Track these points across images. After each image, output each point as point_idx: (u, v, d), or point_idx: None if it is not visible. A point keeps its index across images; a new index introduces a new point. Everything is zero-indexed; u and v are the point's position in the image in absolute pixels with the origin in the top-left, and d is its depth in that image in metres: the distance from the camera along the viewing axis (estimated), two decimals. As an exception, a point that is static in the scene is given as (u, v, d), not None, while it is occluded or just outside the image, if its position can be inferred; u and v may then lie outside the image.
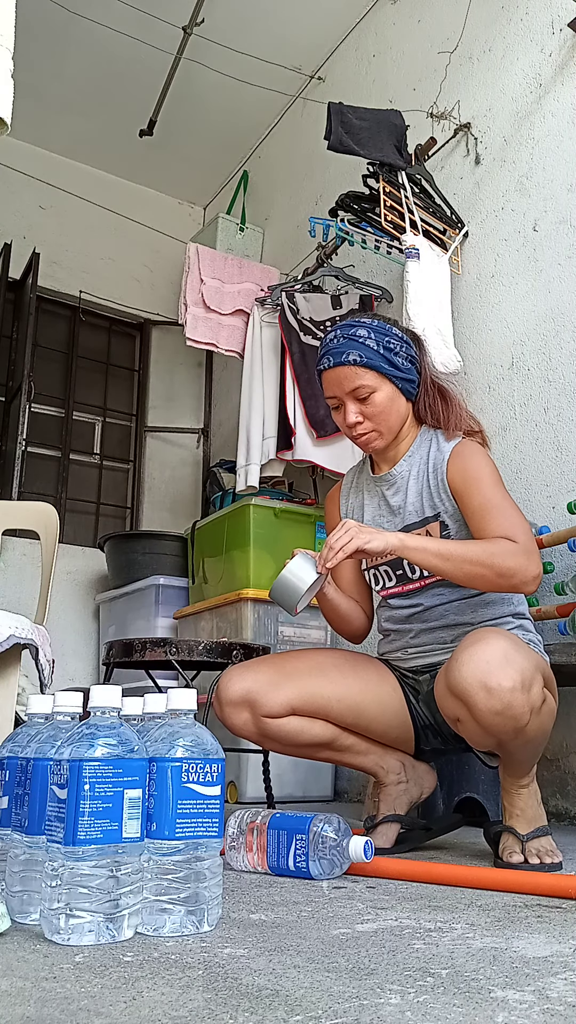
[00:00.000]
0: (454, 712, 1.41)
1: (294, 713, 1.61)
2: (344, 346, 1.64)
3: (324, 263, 3.59)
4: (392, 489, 1.72)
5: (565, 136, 2.75)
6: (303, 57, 4.11)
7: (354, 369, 1.63)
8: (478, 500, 1.57)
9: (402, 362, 1.65)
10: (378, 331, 1.65)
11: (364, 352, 1.62)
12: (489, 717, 1.34)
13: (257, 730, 1.62)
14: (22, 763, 1.07)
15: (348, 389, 1.64)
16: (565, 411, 2.59)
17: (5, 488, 4.01)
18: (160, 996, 0.71)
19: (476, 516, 1.57)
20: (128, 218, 4.83)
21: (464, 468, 1.62)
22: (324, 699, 1.62)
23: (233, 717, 1.62)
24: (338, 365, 1.64)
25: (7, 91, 1.47)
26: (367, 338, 1.63)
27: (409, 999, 0.71)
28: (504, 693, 1.32)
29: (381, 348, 1.64)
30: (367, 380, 1.63)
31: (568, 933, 0.98)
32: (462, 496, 1.60)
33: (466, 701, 1.35)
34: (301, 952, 0.87)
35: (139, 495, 4.78)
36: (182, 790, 0.97)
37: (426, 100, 3.34)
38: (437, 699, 1.48)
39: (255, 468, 3.32)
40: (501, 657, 1.34)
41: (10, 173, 4.46)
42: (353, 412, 1.65)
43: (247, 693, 1.60)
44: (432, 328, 2.78)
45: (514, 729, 1.36)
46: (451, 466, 1.63)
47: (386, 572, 1.72)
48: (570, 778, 2.36)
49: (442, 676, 1.44)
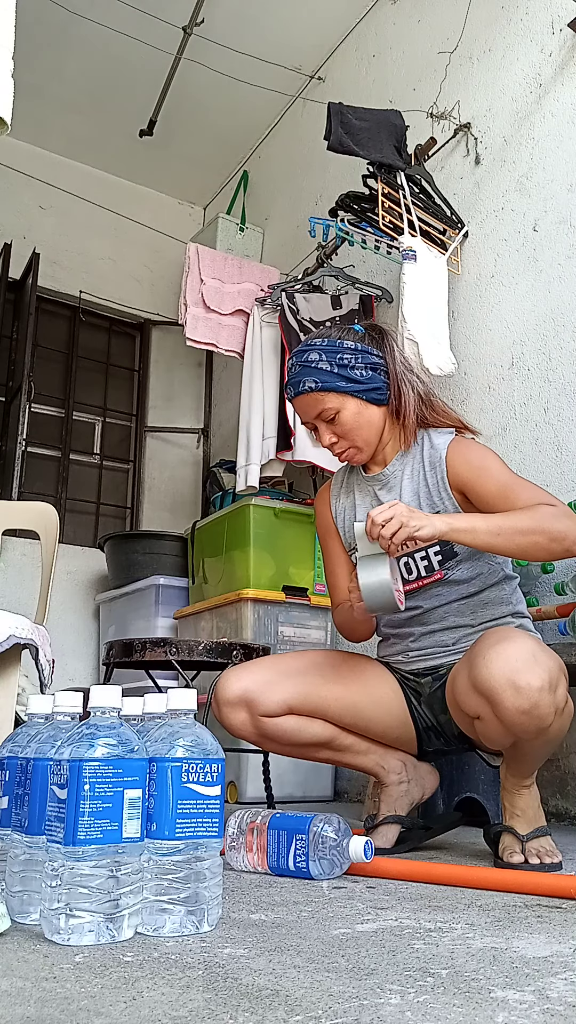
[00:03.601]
0: (475, 709, 1.40)
1: (291, 712, 1.62)
2: (300, 374, 1.65)
3: (324, 263, 3.59)
4: (384, 488, 1.71)
5: (565, 136, 2.75)
6: (303, 57, 4.11)
7: (313, 395, 1.64)
8: (494, 485, 1.56)
9: (361, 374, 1.64)
10: (328, 351, 1.64)
11: (318, 376, 1.63)
12: (515, 716, 1.33)
13: (255, 730, 1.63)
14: (22, 763, 1.07)
15: (313, 415, 1.67)
16: (565, 411, 2.59)
17: (5, 488, 4.01)
18: (160, 996, 0.71)
19: (498, 500, 1.54)
20: (128, 218, 4.83)
21: (468, 460, 1.61)
22: (321, 698, 1.62)
23: (231, 717, 1.62)
24: (299, 394, 1.66)
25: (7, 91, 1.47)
26: (319, 361, 1.64)
27: (409, 999, 0.71)
28: (532, 692, 1.31)
29: (335, 367, 1.63)
30: (329, 403, 1.64)
31: (568, 933, 0.98)
32: (474, 486, 1.58)
33: (492, 698, 1.34)
34: (301, 952, 0.87)
35: (139, 495, 4.78)
36: (182, 790, 0.97)
37: (426, 100, 3.34)
38: (456, 695, 1.47)
39: (255, 468, 3.32)
40: (530, 656, 1.34)
41: (10, 173, 4.46)
42: (326, 434, 1.68)
43: (244, 693, 1.61)
44: (427, 331, 2.78)
45: (537, 729, 1.35)
46: (452, 462, 1.62)
47: None
48: (570, 778, 2.36)
49: (462, 673, 1.44)
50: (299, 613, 3.18)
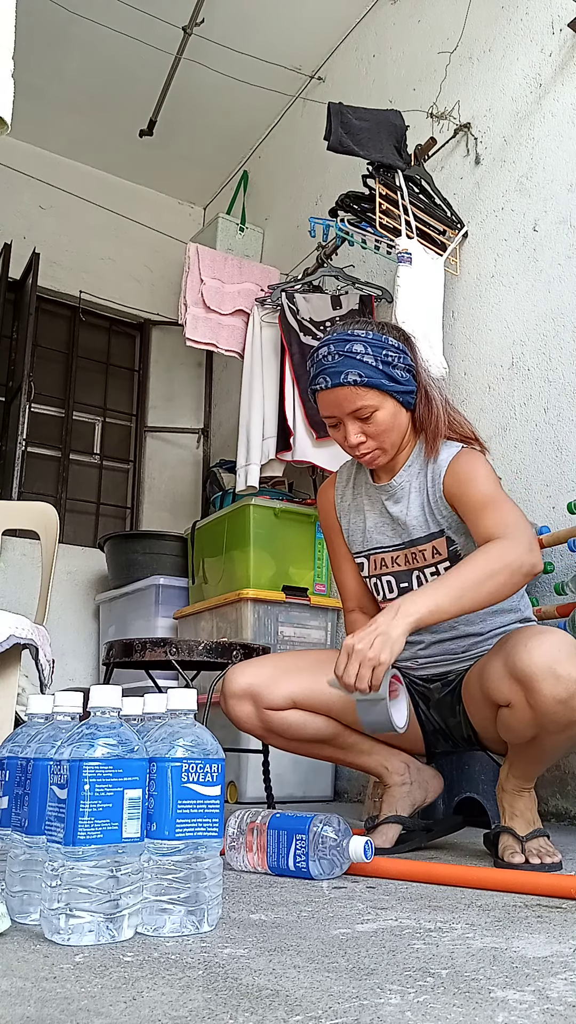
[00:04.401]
0: (507, 696, 1.40)
1: (296, 707, 1.63)
2: (341, 364, 1.55)
3: (324, 263, 3.59)
4: (392, 500, 1.68)
5: (565, 136, 2.75)
6: (303, 57, 4.11)
7: (354, 390, 1.55)
8: (474, 498, 1.54)
9: (401, 374, 1.58)
10: (375, 344, 1.56)
11: (363, 370, 1.54)
12: (550, 704, 1.33)
13: (260, 723, 1.64)
14: (22, 763, 1.07)
15: (349, 410, 1.57)
16: (565, 411, 2.59)
17: (5, 488, 4.01)
18: (160, 996, 0.71)
19: (472, 514, 1.54)
20: (128, 218, 4.83)
21: (457, 473, 1.58)
22: (326, 695, 1.63)
23: (236, 709, 1.64)
24: (337, 386, 1.55)
25: (7, 91, 1.47)
26: (364, 354, 1.55)
27: (409, 999, 0.71)
28: (571, 683, 1.32)
29: (380, 363, 1.56)
30: (369, 400, 1.56)
31: (568, 933, 0.98)
32: (460, 500, 1.57)
33: (529, 685, 1.34)
34: (301, 952, 0.87)
35: (139, 495, 4.78)
36: (182, 790, 0.97)
37: (426, 100, 3.34)
38: (486, 683, 1.46)
39: (255, 468, 3.32)
40: (571, 648, 1.35)
41: (10, 173, 4.46)
42: (355, 433, 1.59)
43: (250, 686, 1.63)
44: (420, 333, 2.77)
45: (568, 721, 1.35)
46: (447, 479, 1.60)
47: (388, 583, 1.70)
48: (570, 778, 2.36)
49: (495, 661, 1.44)
50: (299, 613, 3.18)
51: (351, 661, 1.33)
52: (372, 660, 1.32)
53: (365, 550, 1.73)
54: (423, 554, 1.65)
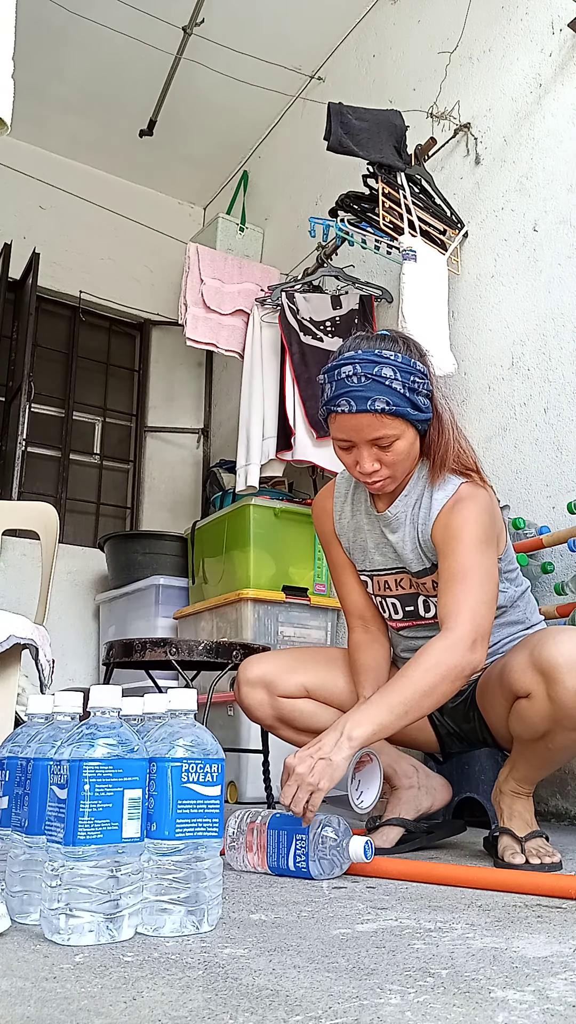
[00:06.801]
0: (528, 687, 1.40)
1: (308, 696, 1.66)
2: (368, 389, 1.43)
3: (324, 263, 3.59)
4: (389, 528, 1.63)
5: (565, 136, 2.75)
6: (303, 57, 4.11)
7: (379, 417, 1.45)
8: (449, 565, 1.48)
9: (423, 401, 1.49)
10: (403, 370, 1.45)
11: (392, 398, 1.44)
12: (570, 697, 1.34)
13: (272, 711, 1.67)
14: (22, 763, 1.07)
15: (369, 437, 1.47)
16: (565, 411, 2.59)
17: (5, 488, 4.01)
18: (160, 996, 0.71)
19: (441, 579, 1.49)
20: (128, 218, 4.83)
21: (447, 526, 1.51)
22: (339, 689, 1.66)
23: (249, 697, 1.67)
24: (361, 412, 1.44)
25: (7, 92, 1.47)
26: (393, 379, 1.44)
27: (409, 999, 0.71)
28: None
29: (407, 391, 1.46)
30: (392, 429, 1.47)
31: (568, 933, 0.98)
32: (440, 554, 1.52)
33: (552, 676, 1.35)
34: (301, 952, 0.87)
35: (139, 495, 4.78)
36: (182, 790, 0.97)
37: (426, 100, 3.34)
38: (508, 674, 1.45)
39: (255, 468, 3.32)
40: None
41: (10, 173, 4.46)
42: (370, 460, 1.49)
43: (264, 674, 1.67)
44: (427, 331, 2.78)
45: None
46: (436, 526, 1.54)
47: (393, 605, 1.69)
48: (570, 778, 2.36)
49: (518, 654, 1.44)
50: (299, 613, 3.18)
51: (290, 784, 1.32)
52: (311, 786, 1.30)
53: (369, 570, 1.70)
54: (424, 585, 1.63)
